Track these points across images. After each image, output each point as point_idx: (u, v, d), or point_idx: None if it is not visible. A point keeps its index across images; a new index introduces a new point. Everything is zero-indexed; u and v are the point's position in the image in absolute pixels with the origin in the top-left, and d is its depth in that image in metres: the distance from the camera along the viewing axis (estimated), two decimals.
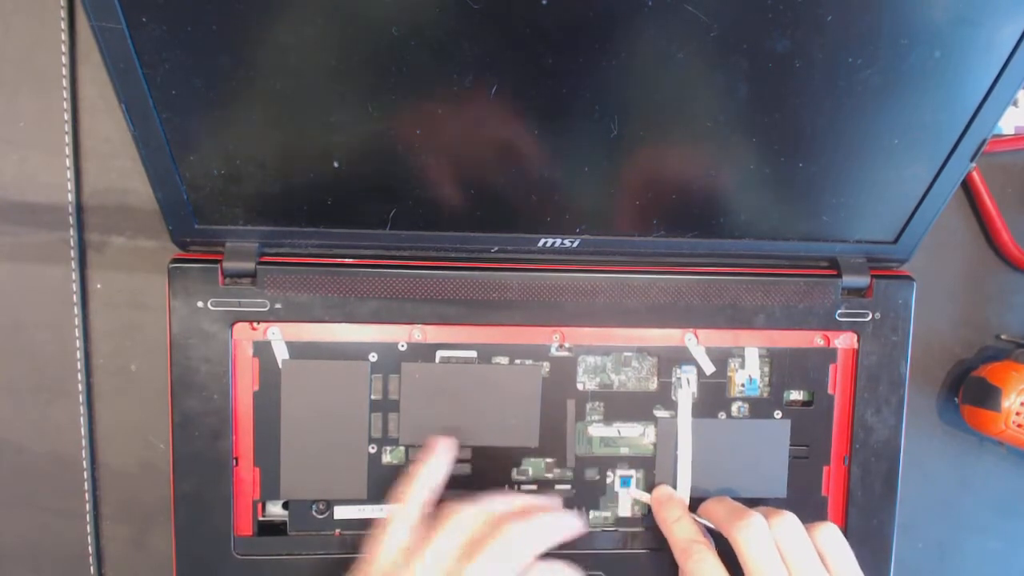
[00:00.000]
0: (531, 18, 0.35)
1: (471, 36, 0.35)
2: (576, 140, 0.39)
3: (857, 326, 0.46)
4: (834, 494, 0.48)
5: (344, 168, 0.39)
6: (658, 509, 0.45)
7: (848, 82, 0.38)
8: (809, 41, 0.36)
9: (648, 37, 0.36)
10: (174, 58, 0.35)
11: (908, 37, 0.37)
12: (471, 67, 0.36)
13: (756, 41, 0.36)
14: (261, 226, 0.41)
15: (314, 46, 0.35)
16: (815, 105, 0.39)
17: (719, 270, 0.46)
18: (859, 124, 0.40)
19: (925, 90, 0.39)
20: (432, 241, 0.43)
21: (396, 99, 0.37)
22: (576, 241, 0.43)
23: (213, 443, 0.43)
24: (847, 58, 0.37)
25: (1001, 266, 0.52)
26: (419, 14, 0.34)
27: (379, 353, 0.44)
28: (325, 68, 0.36)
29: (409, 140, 0.39)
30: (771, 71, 0.37)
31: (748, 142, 0.40)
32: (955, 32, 0.37)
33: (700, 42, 0.36)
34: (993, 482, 0.54)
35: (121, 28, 0.34)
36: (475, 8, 0.34)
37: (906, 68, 0.38)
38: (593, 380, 0.46)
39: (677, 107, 0.39)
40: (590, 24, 0.35)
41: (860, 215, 0.44)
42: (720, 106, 0.39)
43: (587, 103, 0.38)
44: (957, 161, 0.42)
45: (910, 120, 0.40)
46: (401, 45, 0.35)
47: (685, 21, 0.35)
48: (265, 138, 0.38)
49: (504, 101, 0.37)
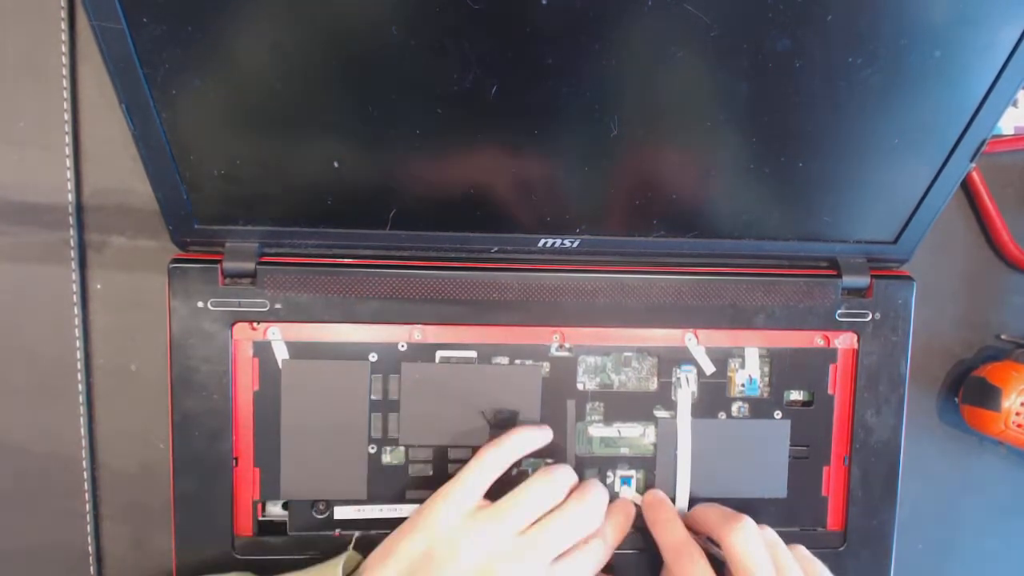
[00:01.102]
0: (531, 18, 0.35)
1: (471, 36, 0.35)
2: (576, 140, 0.39)
3: (857, 326, 0.46)
4: (834, 494, 0.48)
5: (344, 169, 0.39)
6: (648, 512, 0.45)
7: (848, 82, 0.38)
8: (809, 41, 0.36)
9: (648, 37, 0.36)
10: (174, 58, 0.35)
11: (908, 37, 0.37)
12: (471, 67, 0.36)
13: (756, 41, 0.36)
14: (261, 226, 0.41)
15: (313, 46, 0.35)
16: (815, 105, 0.39)
17: (719, 270, 0.46)
18: (859, 124, 0.40)
19: (925, 90, 0.39)
20: (432, 241, 0.43)
21: (396, 99, 0.37)
22: (576, 241, 0.43)
23: (213, 443, 0.43)
24: (847, 58, 0.37)
25: (1001, 266, 0.52)
26: (419, 14, 0.34)
27: (379, 353, 0.44)
28: (324, 68, 0.36)
29: (409, 140, 0.38)
30: (771, 71, 0.37)
31: (748, 142, 0.40)
32: (955, 32, 0.37)
33: (700, 42, 0.36)
34: (993, 482, 0.54)
35: (122, 28, 0.34)
36: (475, 8, 0.34)
37: (906, 68, 0.38)
38: (593, 380, 0.46)
39: (677, 107, 0.39)
40: (590, 24, 0.35)
41: (860, 215, 0.44)
42: (720, 106, 0.39)
43: (587, 103, 0.38)
44: (957, 161, 0.42)
45: (910, 120, 0.40)
46: (401, 45, 0.35)
47: (685, 20, 0.35)
48: (265, 139, 0.38)
49: (504, 101, 0.37)
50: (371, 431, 0.45)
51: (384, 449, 0.45)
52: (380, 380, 0.45)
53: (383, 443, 0.45)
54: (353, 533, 0.45)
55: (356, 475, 0.45)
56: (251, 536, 0.44)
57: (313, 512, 0.45)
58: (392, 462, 0.45)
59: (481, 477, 0.42)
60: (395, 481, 0.45)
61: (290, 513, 0.45)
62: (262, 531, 0.45)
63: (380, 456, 0.45)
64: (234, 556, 0.44)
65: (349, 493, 0.45)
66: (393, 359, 0.44)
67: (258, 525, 0.45)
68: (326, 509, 0.45)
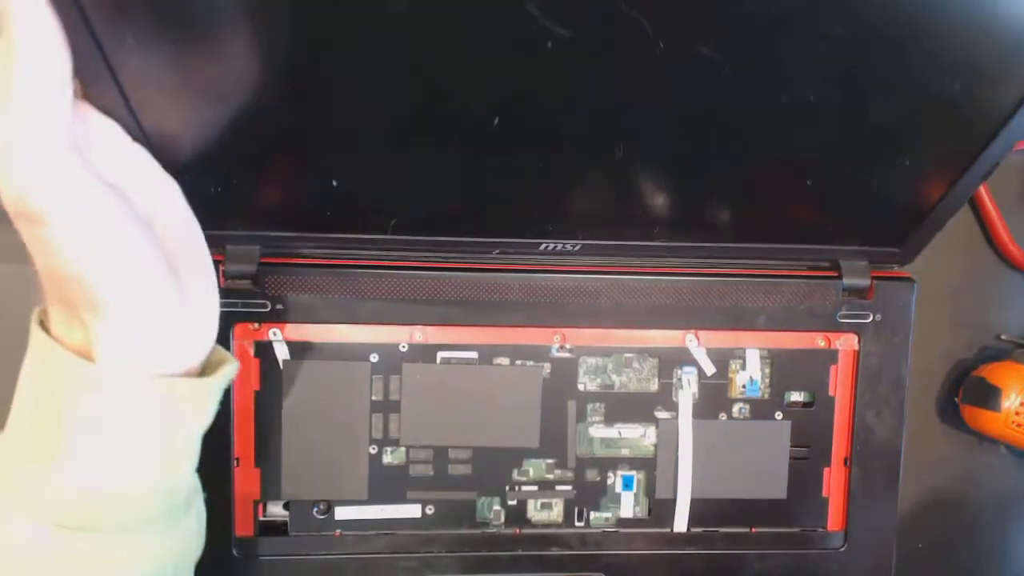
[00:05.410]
0: (531, 51, 0.34)
1: (473, 79, 0.35)
2: (578, 154, 0.39)
3: (858, 327, 0.46)
4: (835, 495, 0.48)
5: (343, 186, 0.39)
6: None
7: (867, 119, 0.37)
8: (829, 84, 0.36)
9: (657, 70, 0.35)
10: (175, 66, 0.35)
11: (929, 72, 0.36)
12: (472, 103, 0.36)
13: (767, 74, 0.35)
14: (261, 231, 0.41)
15: (311, 75, 0.34)
16: (829, 130, 0.38)
17: (720, 271, 0.45)
18: (872, 149, 0.39)
19: (943, 121, 0.38)
20: (432, 246, 0.42)
21: (395, 126, 0.37)
22: (578, 245, 0.43)
23: (214, 443, 0.43)
24: (864, 90, 0.36)
25: (1001, 266, 0.52)
26: (419, 34, 0.34)
27: (380, 354, 0.44)
28: (322, 95, 0.35)
29: (408, 163, 0.38)
30: (784, 104, 0.36)
31: (759, 161, 0.40)
32: (975, 67, 0.35)
33: (711, 76, 0.35)
34: (993, 482, 0.54)
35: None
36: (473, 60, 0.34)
37: (925, 104, 0.37)
38: (594, 381, 0.46)
39: (681, 114, 0.38)
40: (594, 54, 0.34)
41: (867, 226, 0.44)
42: (727, 122, 0.38)
43: (589, 121, 0.37)
44: (969, 179, 0.41)
45: (923, 148, 0.40)
46: (401, 80, 0.34)
47: (696, 58, 0.34)
48: (264, 154, 0.37)
49: (506, 129, 0.37)
50: (372, 431, 0.45)
51: (385, 449, 0.45)
52: (381, 381, 0.44)
53: (384, 443, 0.45)
54: (353, 533, 0.45)
55: (357, 475, 0.45)
56: (252, 536, 0.44)
57: (314, 512, 0.45)
58: (393, 462, 0.45)
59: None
60: (396, 481, 0.45)
61: (291, 513, 0.45)
62: (263, 531, 0.45)
63: (381, 456, 0.45)
64: (235, 556, 0.44)
65: (350, 493, 0.45)
66: (394, 360, 0.44)
67: (259, 525, 0.45)
68: (327, 509, 0.45)
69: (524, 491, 0.46)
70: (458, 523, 0.46)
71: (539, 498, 0.46)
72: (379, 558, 0.45)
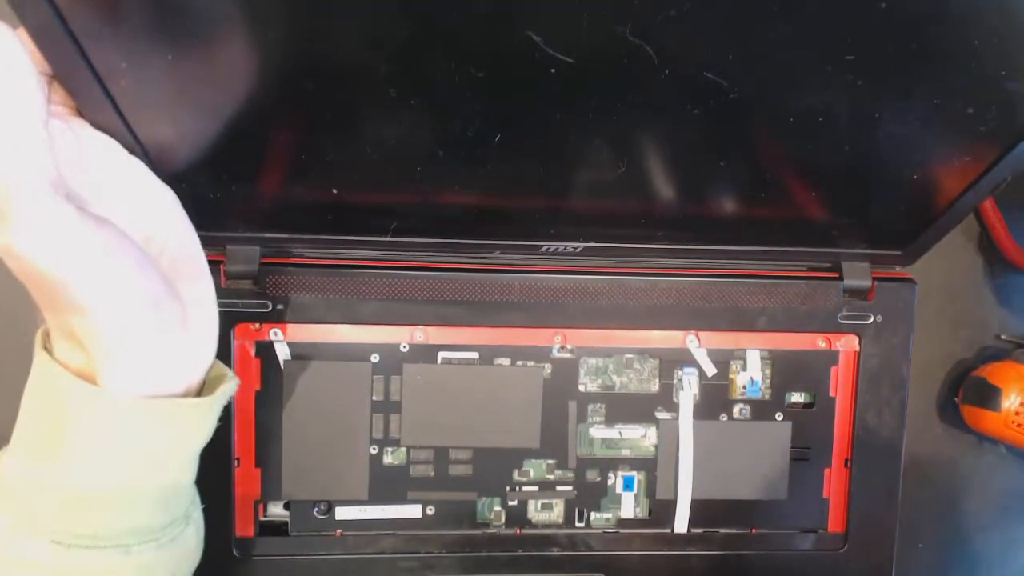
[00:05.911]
0: (534, 78, 0.34)
1: (474, 95, 0.34)
2: (579, 152, 0.39)
3: (859, 328, 0.46)
4: (835, 496, 0.48)
5: (343, 194, 0.39)
6: None
7: (880, 136, 0.37)
8: (837, 102, 0.35)
9: (659, 92, 0.35)
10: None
11: (941, 95, 0.35)
12: (472, 121, 0.35)
13: (773, 81, 0.35)
14: (262, 233, 0.41)
15: (307, 93, 0.34)
16: (838, 140, 0.38)
17: (721, 272, 0.45)
18: (881, 161, 0.39)
19: (953, 137, 0.38)
20: (433, 248, 0.42)
21: (394, 142, 0.36)
22: (579, 247, 0.43)
23: (214, 443, 0.43)
24: (874, 113, 0.36)
25: (1001, 266, 0.52)
26: (418, 77, 0.34)
27: (381, 354, 0.44)
28: (321, 110, 0.35)
29: (408, 175, 0.38)
30: (792, 123, 0.36)
31: (763, 165, 0.39)
32: (985, 91, 0.35)
33: (716, 92, 0.35)
34: (993, 482, 0.54)
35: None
36: (478, 76, 0.33)
37: (937, 125, 0.37)
38: (595, 382, 0.46)
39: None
40: (594, 84, 0.34)
41: (870, 233, 0.44)
42: (736, 135, 0.38)
43: (590, 132, 0.37)
44: (976, 193, 0.41)
45: (933, 163, 0.39)
46: (400, 99, 0.34)
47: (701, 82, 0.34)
48: (265, 156, 0.37)
49: (505, 147, 0.37)
50: (373, 432, 0.45)
51: (386, 450, 0.45)
52: (382, 381, 0.44)
53: (385, 444, 0.45)
54: (354, 534, 0.45)
55: (358, 476, 0.45)
56: (252, 536, 0.44)
57: (315, 512, 0.45)
58: (394, 463, 0.45)
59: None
60: (396, 482, 0.45)
61: (291, 513, 0.45)
62: (263, 531, 0.45)
63: (382, 457, 0.45)
64: (235, 556, 0.44)
65: (351, 493, 0.45)
66: (395, 360, 0.44)
67: (259, 525, 0.45)
68: (327, 510, 0.45)
69: (525, 491, 0.46)
70: (459, 523, 0.46)
71: (539, 499, 0.46)
72: (379, 558, 0.45)
